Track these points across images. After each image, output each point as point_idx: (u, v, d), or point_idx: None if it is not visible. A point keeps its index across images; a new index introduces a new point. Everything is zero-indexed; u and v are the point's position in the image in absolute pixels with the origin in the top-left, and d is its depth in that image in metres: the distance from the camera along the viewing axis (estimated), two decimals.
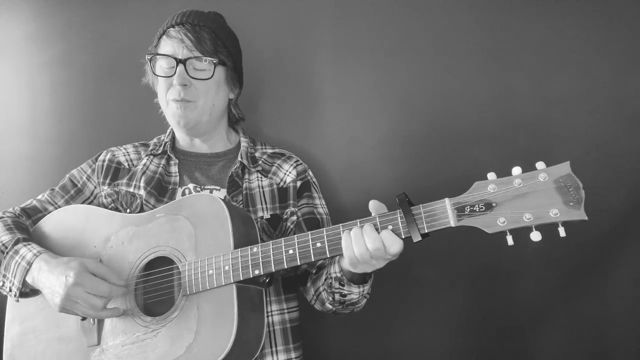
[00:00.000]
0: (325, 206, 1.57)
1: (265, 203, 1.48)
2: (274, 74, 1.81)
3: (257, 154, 1.58)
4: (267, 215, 1.46)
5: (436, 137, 1.70)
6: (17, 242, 1.33)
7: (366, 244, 1.10)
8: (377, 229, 1.12)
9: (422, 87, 1.72)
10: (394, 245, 1.09)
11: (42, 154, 1.89)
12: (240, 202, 1.46)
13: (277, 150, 1.61)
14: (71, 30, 1.90)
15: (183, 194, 1.49)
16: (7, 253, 1.32)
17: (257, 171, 1.53)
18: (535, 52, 1.66)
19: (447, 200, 1.08)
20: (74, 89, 1.90)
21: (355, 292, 1.28)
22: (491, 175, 1.08)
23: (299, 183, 1.53)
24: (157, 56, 1.46)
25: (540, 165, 1.07)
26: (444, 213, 1.07)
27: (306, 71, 1.79)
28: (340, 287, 1.28)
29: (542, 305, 1.58)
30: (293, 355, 1.43)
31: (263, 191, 1.50)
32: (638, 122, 1.59)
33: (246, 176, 1.51)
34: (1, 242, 1.35)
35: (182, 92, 1.43)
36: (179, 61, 1.43)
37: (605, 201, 1.58)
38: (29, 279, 1.28)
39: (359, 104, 1.76)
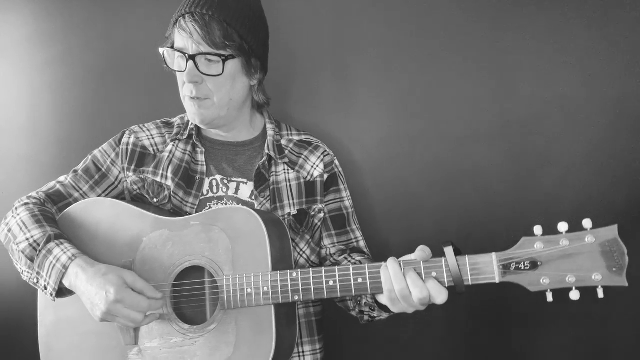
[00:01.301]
0: (350, 198, 1.58)
1: (293, 198, 1.48)
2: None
3: (284, 142, 1.54)
4: (294, 212, 1.47)
5: (436, 137, 1.70)
6: (49, 240, 1.32)
7: (410, 291, 1.13)
8: (420, 275, 1.14)
9: (422, 87, 1.71)
10: (440, 297, 1.11)
11: (42, 154, 1.89)
12: (268, 197, 1.46)
13: (303, 138, 1.57)
14: (71, 30, 1.87)
15: (210, 185, 1.48)
16: (40, 252, 1.31)
17: (284, 162, 1.50)
18: (536, 52, 1.63)
19: (494, 255, 1.10)
20: (74, 89, 1.87)
21: (385, 316, 1.32)
22: (538, 230, 1.09)
23: (326, 176, 1.52)
24: (170, 50, 1.39)
25: (587, 223, 1.08)
26: (490, 268, 1.09)
27: (305, 67, 1.78)
28: (371, 311, 1.32)
29: (542, 305, 1.65)
30: (317, 346, 1.51)
31: (290, 185, 1.49)
32: (638, 122, 1.60)
33: (273, 168, 1.49)
34: (32, 237, 1.33)
35: (194, 90, 1.37)
36: (188, 57, 1.35)
37: (605, 201, 1.61)
38: (65, 283, 1.29)
39: (359, 104, 1.75)
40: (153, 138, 1.53)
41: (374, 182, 1.76)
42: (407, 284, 1.13)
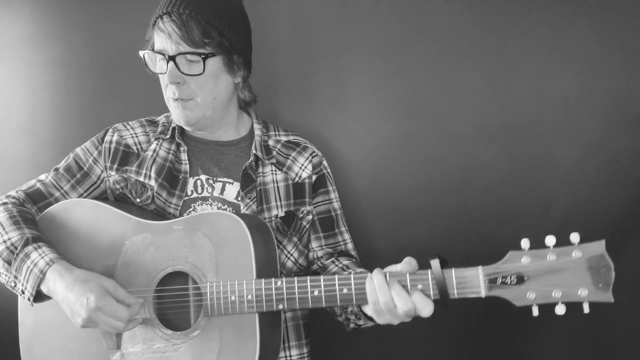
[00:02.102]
0: (339, 199, 1.56)
1: (280, 200, 1.46)
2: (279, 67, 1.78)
3: (271, 142, 1.51)
4: (281, 214, 1.45)
5: (436, 136, 1.68)
6: (26, 243, 1.29)
7: (395, 303, 1.12)
8: (405, 287, 1.12)
9: (421, 87, 1.69)
10: (426, 309, 1.10)
11: (42, 154, 1.87)
12: (254, 199, 1.43)
13: (291, 139, 1.55)
14: (71, 30, 1.85)
15: (195, 185, 1.45)
16: (18, 255, 1.28)
17: (272, 163, 1.48)
18: (536, 52, 1.62)
19: (480, 269, 1.09)
20: (73, 89, 1.85)
21: (370, 324, 1.30)
22: (525, 243, 1.08)
23: (314, 177, 1.50)
24: (150, 52, 1.36)
25: (574, 237, 1.07)
26: (476, 282, 1.09)
27: (305, 67, 1.76)
28: (357, 319, 1.31)
29: (542, 305, 1.66)
30: (305, 350, 1.50)
31: (277, 186, 1.47)
32: (638, 122, 1.59)
33: (260, 169, 1.47)
34: (10, 239, 1.30)
35: (176, 91, 1.35)
36: (168, 58, 1.32)
37: (605, 201, 1.61)
38: (43, 289, 1.27)
39: (358, 104, 1.72)
40: (137, 136, 1.50)
41: (366, 184, 1.74)
42: (392, 297, 1.12)
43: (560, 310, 1.06)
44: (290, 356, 1.47)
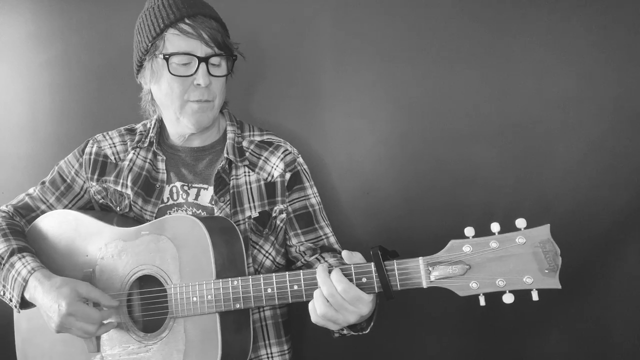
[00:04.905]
0: (317, 194, 1.55)
1: (253, 201, 1.47)
2: (271, 67, 1.77)
3: (245, 143, 1.53)
4: (255, 214, 1.46)
5: (436, 136, 1.66)
6: (12, 254, 1.37)
7: (335, 287, 1.11)
8: (351, 279, 1.12)
9: (421, 87, 1.66)
10: (350, 291, 1.10)
11: (42, 154, 1.89)
12: (228, 202, 1.46)
13: (265, 138, 1.56)
14: (71, 30, 1.86)
15: (170, 192, 1.49)
16: (4, 265, 1.37)
17: (245, 165, 1.49)
18: (536, 52, 1.58)
19: (420, 259, 1.07)
20: (73, 89, 1.87)
21: (354, 333, 1.27)
22: (469, 231, 1.05)
23: (287, 175, 1.50)
24: (173, 55, 1.37)
25: (520, 223, 1.03)
26: (417, 273, 1.06)
27: (306, 67, 1.75)
28: (340, 329, 1.26)
29: (542, 306, 1.60)
30: (285, 347, 1.51)
31: (250, 187, 1.48)
32: (638, 122, 1.54)
33: (233, 172, 1.49)
34: None
35: (205, 93, 1.39)
36: (201, 59, 1.35)
37: (605, 201, 1.56)
38: (26, 295, 1.34)
39: (358, 103, 1.70)
40: (115, 146, 1.56)
41: (366, 183, 1.73)
42: (333, 284, 1.12)
43: (508, 299, 1.02)
44: (271, 353, 1.48)
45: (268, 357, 1.48)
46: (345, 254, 1.15)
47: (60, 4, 1.87)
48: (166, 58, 1.36)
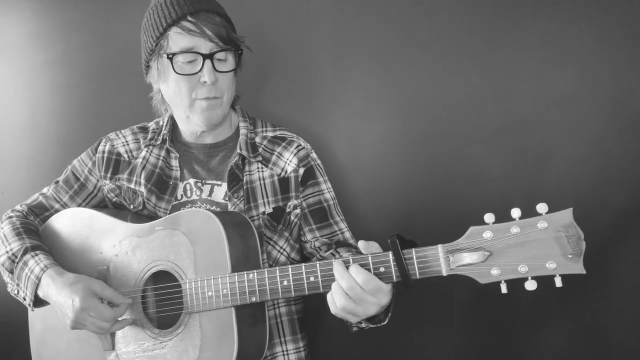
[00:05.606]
0: (331, 189, 1.53)
1: (267, 196, 1.46)
2: (273, 67, 1.77)
3: (258, 139, 1.52)
4: (269, 210, 1.45)
5: (436, 136, 1.65)
6: (25, 252, 1.37)
7: (355, 280, 1.10)
8: (369, 270, 1.10)
9: (421, 87, 1.65)
10: (371, 282, 1.08)
11: (42, 154, 1.89)
12: (242, 198, 1.44)
13: (278, 134, 1.54)
14: (71, 30, 1.85)
15: (184, 189, 1.48)
16: (18, 264, 1.37)
17: (258, 161, 1.48)
18: (535, 52, 1.57)
19: (440, 247, 1.04)
20: (74, 89, 1.87)
21: (373, 325, 1.25)
22: (489, 218, 1.03)
23: (301, 170, 1.49)
24: (177, 53, 1.35)
25: (541, 208, 1.01)
26: (436, 260, 1.04)
27: (306, 67, 1.74)
28: (359, 322, 1.25)
29: (543, 306, 1.59)
30: (301, 344, 1.49)
31: (264, 183, 1.47)
32: (638, 122, 1.52)
33: (246, 168, 1.48)
34: (11, 250, 1.39)
35: (213, 90, 1.37)
36: (205, 56, 1.34)
37: (605, 201, 1.54)
38: (40, 293, 1.34)
39: (359, 103, 1.70)
40: (128, 144, 1.55)
41: (366, 183, 1.71)
42: (351, 276, 1.10)
43: (530, 286, 1.00)
44: (287, 350, 1.46)
45: (284, 354, 1.46)
46: (362, 243, 1.13)
47: (61, 4, 1.87)
48: (170, 57, 1.35)
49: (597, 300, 1.56)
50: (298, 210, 1.47)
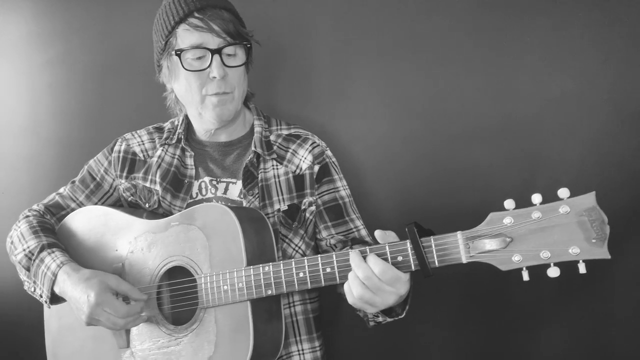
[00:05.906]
0: (347, 187, 1.52)
1: (282, 194, 1.45)
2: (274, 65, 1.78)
3: (272, 137, 1.51)
4: (284, 207, 1.44)
5: (436, 136, 1.65)
6: (42, 250, 1.37)
7: (372, 270, 1.08)
8: (386, 259, 1.08)
9: (422, 86, 1.66)
10: (388, 272, 1.06)
11: (42, 154, 1.89)
12: (257, 195, 1.43)
13: (292, 132, 1.54)
14: (71, 30, 1.85)
15: (199, 187, 1.48)
16: (34, 261, 1.37)
17: (273, 158, 1.48)
18: (535, 52, 1.57)
19: (459, 234, 1.02)
20: (74, 89, 1.87)
21: (390, 320, 1.24)
22: (509, 204, 1.01)
23: (316, 168, 1.48)
24: (185, 50, 1.36)
25: (562, 192, 0.98)
26: (456, 247, 1.02)
27: (320, 65, 1.75)
28: (375, 316, 1.25)
29: (543, 305, 1.57)
30: (317, 343, 1.47)
31: (279, 180, 1.46)
32: (638, 122, 1.52)
33: (261, 165, 1.47)
34: (28, 247, 1.39)
35: (222, 85, 1.37)
36: (213, 52, 1.34)
37: (606, 201, 1.51)
38: (56, 289, 1.33)
39: (372, 100, 1.70)
40: (143, 144, 1.56)
41: (366, 182, 1.71)
42: (368, 266, 1.09)
43: (553, 272, 0.97)
44: (303, 350, 1.44)
45: (299, 353, 1.44)
46: (378, 233, 1.11)
47: (61, 4, 1.87)
48: (178, 54, 1.36)
49: (597, 300, 1.55)
50: (313, 208, 1.46)
